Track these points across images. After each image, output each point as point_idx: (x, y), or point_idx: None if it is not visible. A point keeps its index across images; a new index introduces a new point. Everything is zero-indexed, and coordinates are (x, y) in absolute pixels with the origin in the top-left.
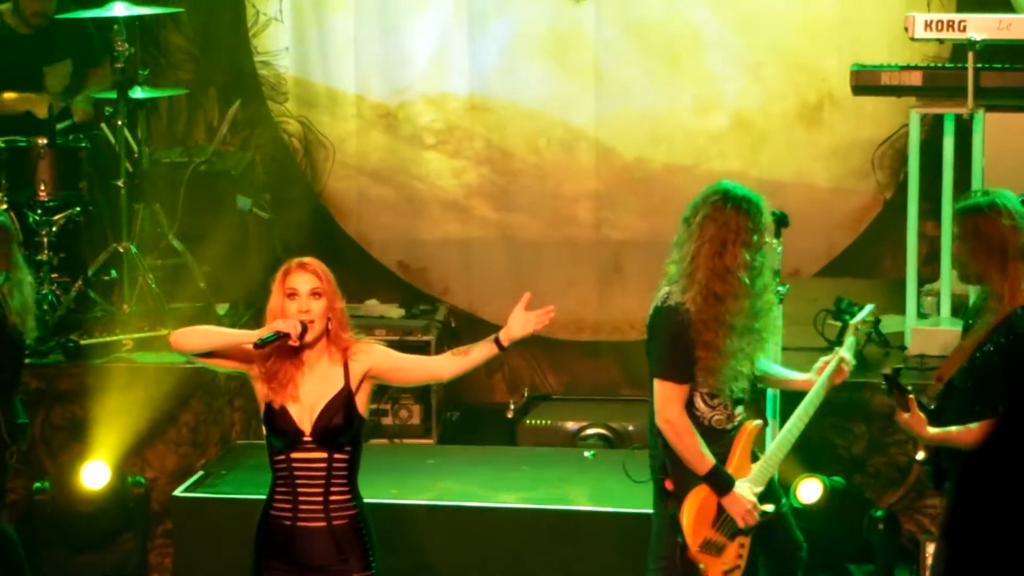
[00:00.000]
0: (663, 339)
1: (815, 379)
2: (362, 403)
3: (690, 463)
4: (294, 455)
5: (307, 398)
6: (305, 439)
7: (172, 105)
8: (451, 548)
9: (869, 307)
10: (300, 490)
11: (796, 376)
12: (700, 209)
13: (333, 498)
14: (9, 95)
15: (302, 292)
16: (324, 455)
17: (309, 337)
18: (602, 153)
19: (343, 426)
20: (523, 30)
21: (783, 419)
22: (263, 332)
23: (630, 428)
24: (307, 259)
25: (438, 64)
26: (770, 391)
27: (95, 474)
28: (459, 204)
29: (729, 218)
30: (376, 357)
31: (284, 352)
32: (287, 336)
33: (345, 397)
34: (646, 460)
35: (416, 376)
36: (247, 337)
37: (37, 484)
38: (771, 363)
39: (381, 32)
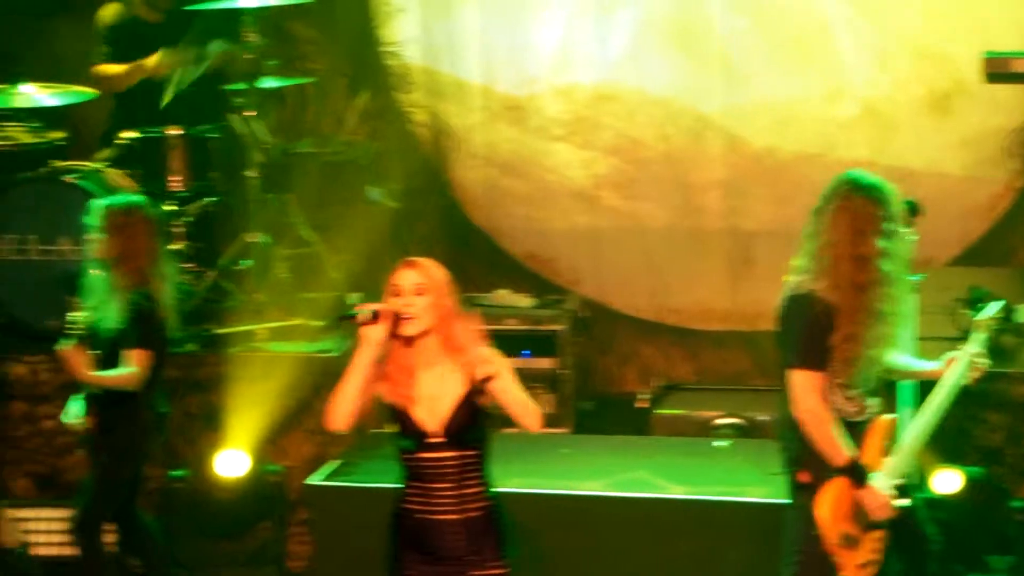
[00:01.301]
0: (799, 328)
1: (942, 369)
2: (487, 400)
3: (828, 454)
4: (422, 455)
5: (431, 400)
6: (433, 440)
7: (300, 95)
8: (586, 537)
9: (997, 304)
10: (431, 486)
11: (923, 366)
12: (831, 200)
13: (466, 492)
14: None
15: (405, 288)
16: (454, 454)
17: (412, 330)
18: (730, 142)
19: (470, 425)
20: (649, 19)
21: None
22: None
23: (764, 418)
24: (418, 258)
25: (565, 54)
26: (909, 383)
27: (232, 462)
28: (588, 194)
29: (861, 207)
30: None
31: (402, 355)
32: (377, 316)
33: (468, 397)
34: (779, 451)
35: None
36: (358, 358)
37: (174, 473)
38: (898, 354)
39: (507, 22)
